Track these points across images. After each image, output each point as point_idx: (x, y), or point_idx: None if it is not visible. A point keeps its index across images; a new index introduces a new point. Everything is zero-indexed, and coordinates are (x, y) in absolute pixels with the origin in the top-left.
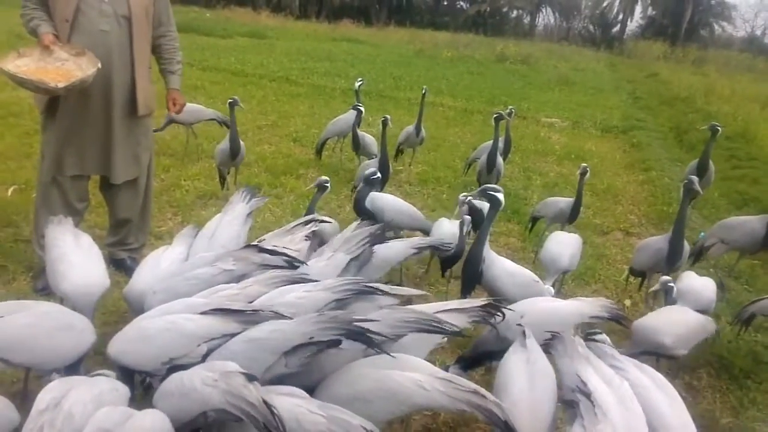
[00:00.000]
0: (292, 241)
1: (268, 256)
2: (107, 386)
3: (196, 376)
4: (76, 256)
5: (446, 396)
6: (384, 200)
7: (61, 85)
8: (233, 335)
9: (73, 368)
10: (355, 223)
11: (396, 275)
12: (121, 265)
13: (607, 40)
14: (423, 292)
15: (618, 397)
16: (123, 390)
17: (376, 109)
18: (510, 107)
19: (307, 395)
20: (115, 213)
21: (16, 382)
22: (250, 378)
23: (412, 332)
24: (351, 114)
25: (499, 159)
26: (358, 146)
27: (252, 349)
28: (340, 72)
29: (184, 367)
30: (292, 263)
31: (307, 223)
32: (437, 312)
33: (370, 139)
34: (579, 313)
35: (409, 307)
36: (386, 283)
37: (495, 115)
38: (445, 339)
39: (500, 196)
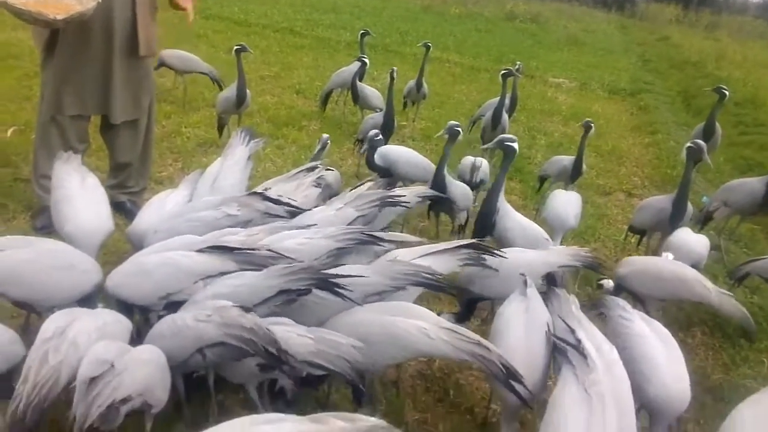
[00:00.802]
0: (299, 187)
1: (271, 204)
2: (110, 318)
3: (187, 315)
4: (82, 198)
5: (450, 345)
6: (397, 153)
7: (60, 17)
8: (230, 273)
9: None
10: (369, 183)
11: (396, 228)
12: (121, 208)
13: (618, 1)
14: (420, 239)
15: (605, 362)
16: (125, 323)
17: (382, 64)
18: (518, 63)
19: (294, 323)
20: (115, 156)
21: (16, 316)
22: (246, 309)
23: (410, 285)
24: (356, 65)
25: (505, 116)
26: (357, 98)
27: None
28: (346, 24)
29: (180, 304)
30: (294, 213)
31: (310, 170)
32: (427, 254)
33: (370, 91)
34: (547, 262)
35: (409, 257)
36: (383, 230)
37: (503, 72)
38: None
39: (515, 145)
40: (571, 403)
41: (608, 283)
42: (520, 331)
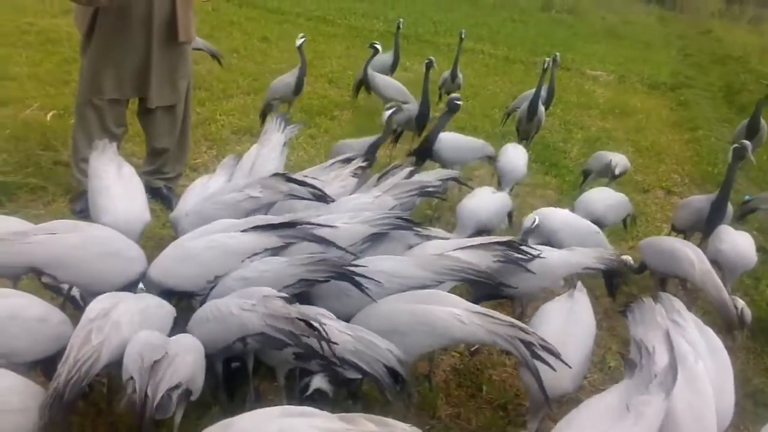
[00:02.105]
0: (337, 177)
1: (295, 186)
2: (153, 302)
3: (231, 302)
4: (118, 188)
5: (483, 329)
6: (440, 140)
7: None
8: (275, 249)
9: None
10: (407, 169)
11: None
12: (157, 194)
13: None
14: (452, 236)
15: (686, 378)
16: (168, 308)
17: (415, 54)
18: (555, 53)
19: (333, 316)
20: (152, 141)
21: (56, 298)
22: (289, 300)
23: (455, 281)
24: (389, 55)
25: (541, 108)
26: (367, 87)
27: (244, 287)
28: (378, 14)
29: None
30: (318, 195)
31: (346, 161)
32: (462, 248)
33: (383, 81)
34: (569, 264)
35: (441, 250)
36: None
37: (545, 65)
38: None
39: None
40: (603, 409)
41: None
42: (558, 327)
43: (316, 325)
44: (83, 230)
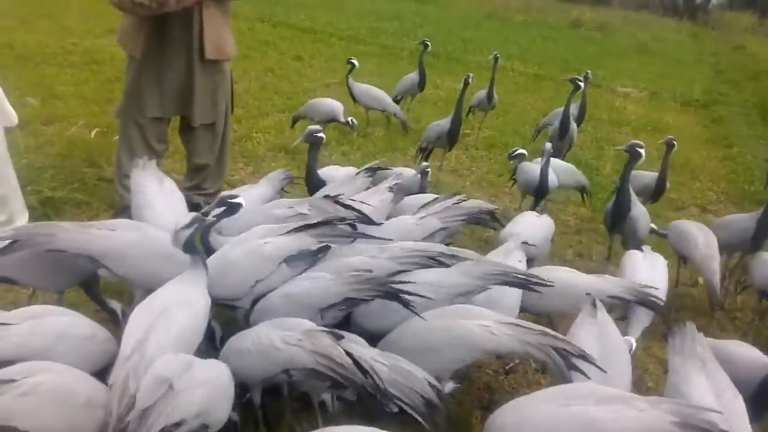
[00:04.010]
0: (376, 192)
1: (342, 208)
2: (187, 322)
3: (273, 335)
4: (161, 202)
5: (515, 339)
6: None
7: None
8: (310, 250)
9: None
10: (457, 197)
11: (460, 237)
12: (197, 209)
13: (690, 9)
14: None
15: (725, 414)
16: (200, 322)
17: (445, 72)
18: (587, 70)
19: (366, 344)
20: (192, 158)
21: (99, 311)
22: (336, 337)
23: (496, 285)
24: (416, 74)
25: (573, 125)
26: (354, 98)
27: (289, 304)
28: (408, 32)
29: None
30: (363, 219)
31: (368, 170)
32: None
33: (360, 90)
34: (596, 290)
35: (493, 259)
36: (448, 244)
37: (576, 84)
38: None
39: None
40: None
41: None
42: (593, 352)
43: (368, 369)
44: (141, 230)
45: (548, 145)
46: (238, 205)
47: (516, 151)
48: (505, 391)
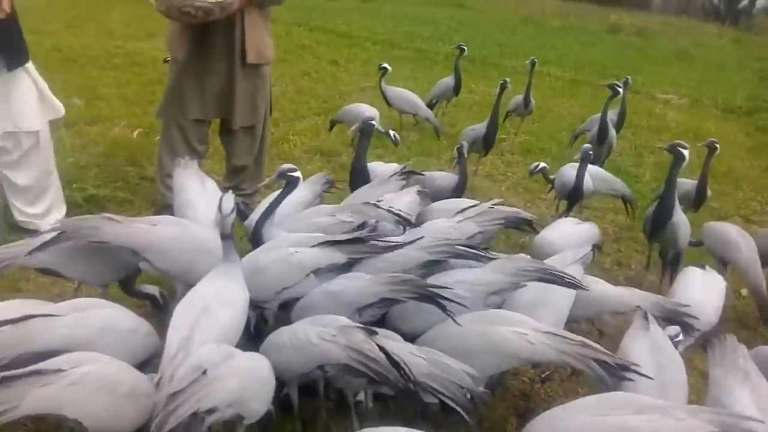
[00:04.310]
0: (404, 194)
1: (383, 212)
2: (228, 319)
3: (309, 330)
4: (202, 201)
5: (552, 349)
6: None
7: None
8: (339, 265)
9: None
10: (494, 200)
11: (496, 242)
12: (236, 210)
13: (732, 14)
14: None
15: None
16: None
17: (480, 76)
18: (626, 76)
19: (402, 339)
20: (232, 159)
21: (141, 306)
22: (370, 332)
23: (530, 281)
24: (452, 78)
25: (612, 131)
26: (387, 102)
27: (328, 301)
28: (444, 36)
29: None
30: (404, 222)
31: (402, 173)
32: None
33: (393, 93)
34: (622, 302)
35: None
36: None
37: (615, 90)
38: None
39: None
40: None
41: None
42: (650, 371)
43: (401, 364)
44: (183, 226)
45: (587, 146)
46: (297, 179)
47: (538, 166)
48: (540, 399)
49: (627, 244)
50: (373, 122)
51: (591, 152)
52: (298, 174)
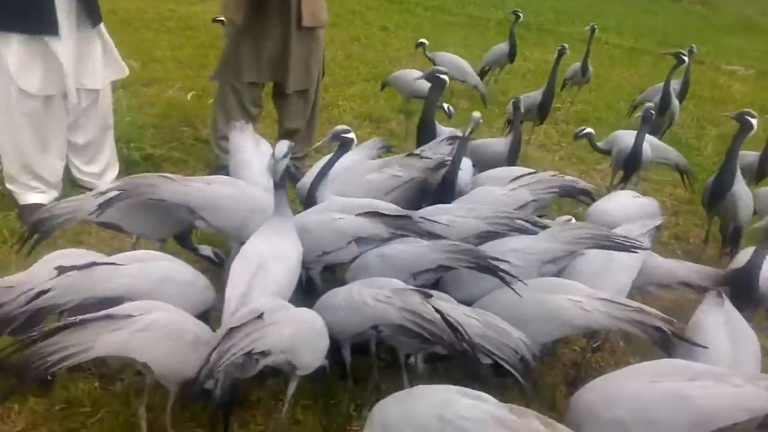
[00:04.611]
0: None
1: (429, 162)
2: (282, 275)
3: (364, 291)
4: (257, 163)
5: (607, 316)
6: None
7: None
8: (381, 238)
9: None
10: (551, 172)
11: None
12: (287, 172)
13: None
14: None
15: None
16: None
17: (535, 43)
18: (691, 45)
19: (455, 301)
20: (284, 122)
21: (197, 261)
22: (426, 295)
23: (588, 248)
24: (506, 44)
25: (675, 101)
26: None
27: (383, 265)
28: (496, 2)
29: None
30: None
31: (451, 138)
32: None
33: (442, 59)
34: (669, 273)
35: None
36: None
37: (680, 59)
38: None
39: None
40: None
41: None
42: (724, 346)
43: (457, 325)
44: (237, 185)
45: (649, 105)
46: (351, 141)
47: (583, 130)
48: (591, 368)
49: (686, 217)
50: (444, 76)
51: (653, 111)
52: (351, 135)
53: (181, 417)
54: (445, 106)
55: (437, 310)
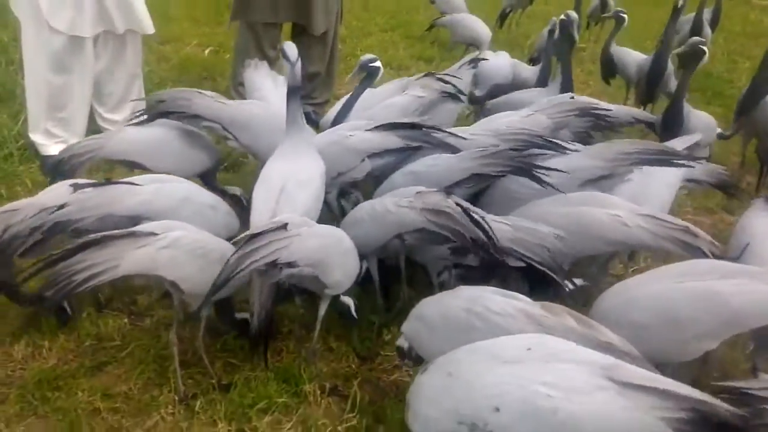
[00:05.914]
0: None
1: (444, 83)
2: (306, 197)
3: (387, 201)
4: (276, 98)
5: (649, 232)
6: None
7: None
8: (395, 150)
9: None
10: (568, 95)
11: None
12: (306, 117)
13: None
14: None
15: None
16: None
17: None
18: None
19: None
20: (305, 65)
21: None
22: (447, 193)
23: (633, 165)
24: None
25: (707, 29)
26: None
27: (413, 182)
28: None
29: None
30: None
31: (472, 61)
32: None
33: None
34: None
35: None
36: None
37: None
38: None
39: None
40: None
41: None
42: None
43: (476, 217)
44: (270, 109)
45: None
46: (378, 69)
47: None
48: None
49: (721, 145)
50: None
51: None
52: (378, 64)
53: (212, 347)
54: None
55: (459, 205)
